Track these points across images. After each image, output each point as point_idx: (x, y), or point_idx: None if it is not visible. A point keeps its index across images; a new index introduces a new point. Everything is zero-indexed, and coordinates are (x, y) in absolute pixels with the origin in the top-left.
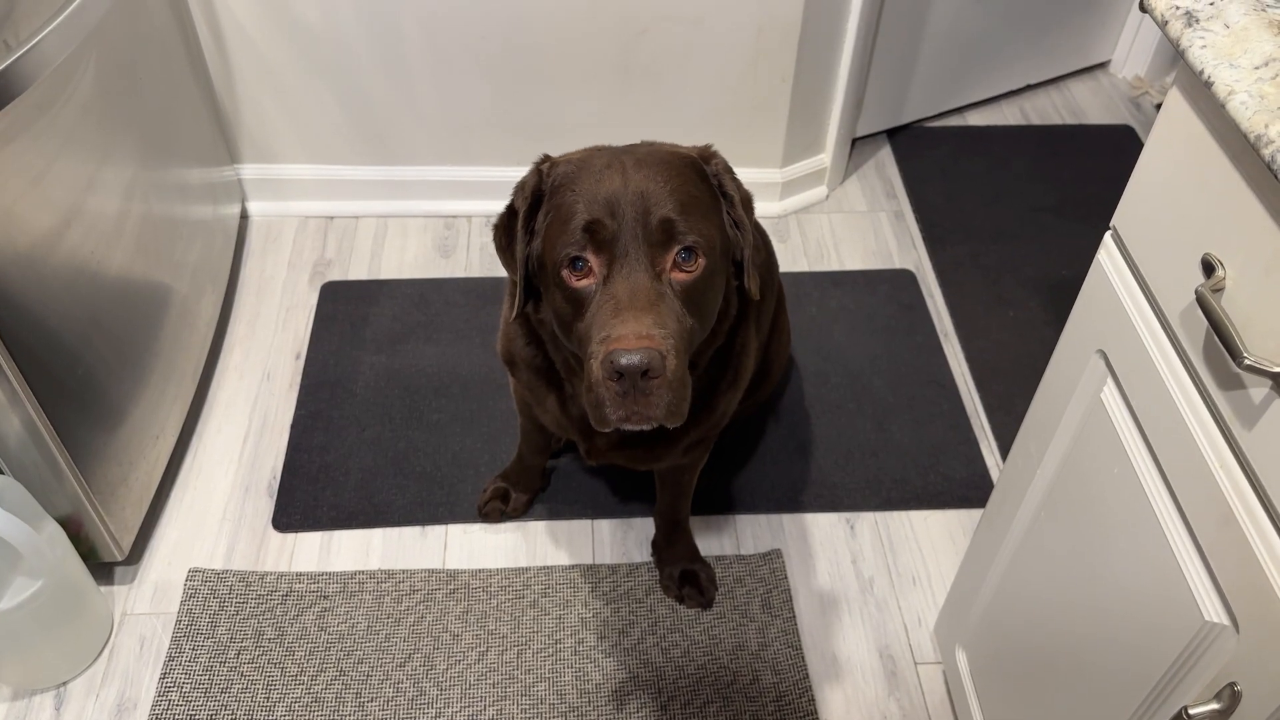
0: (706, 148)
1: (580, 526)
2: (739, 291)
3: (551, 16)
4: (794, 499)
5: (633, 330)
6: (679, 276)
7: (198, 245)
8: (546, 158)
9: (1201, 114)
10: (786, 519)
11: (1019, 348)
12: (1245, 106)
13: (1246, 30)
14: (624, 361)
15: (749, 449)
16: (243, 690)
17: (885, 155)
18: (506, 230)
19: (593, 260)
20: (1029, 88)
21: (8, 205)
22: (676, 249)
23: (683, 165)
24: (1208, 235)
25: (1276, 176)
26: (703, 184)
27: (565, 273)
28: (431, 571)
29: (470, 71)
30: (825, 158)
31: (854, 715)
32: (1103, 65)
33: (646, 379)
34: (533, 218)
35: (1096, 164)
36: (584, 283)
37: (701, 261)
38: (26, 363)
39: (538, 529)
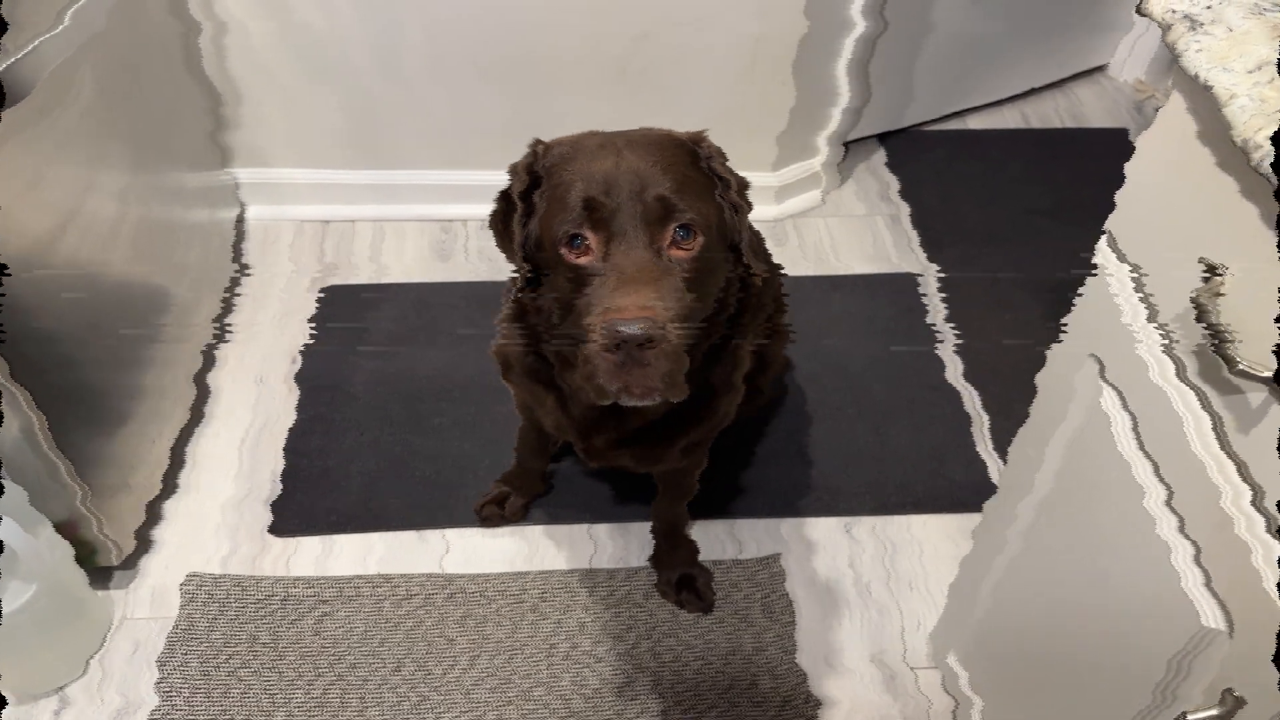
0: (698, 133)
1: (579, 531)
2: (739, 284)
3: (548, 20)
4: (793, 503)
5: (633, 302)
6: (677, 254)
7: (195, 249)
8: (539, 141)
9: (1197, 117)
10: (786, 523)
11: (1018, 351)
12: (1243, 110)
13: (1246, 34)
14: (623, 330)
15: (748, 453)
16: (241, 695)
17: (880, 158)
18: (503, 214)
19: (591, 238)
20: (1031, 92)
21: (5, 208)
22: (674, 226)
23: (675, 147)
24: (1203, 239)
25: (1269, 181)
26: (695, 166)
27: (564, 250)
28: (430, 576)
29: (467, 76)
30: (821, 161)
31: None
32: (1104, 69)
33: (645, 349)
34: (529, 198)
35: (1095, 167)
36: (583, 260)
37: (699, 239)
38: (24, 367)
39: (536, 533)
